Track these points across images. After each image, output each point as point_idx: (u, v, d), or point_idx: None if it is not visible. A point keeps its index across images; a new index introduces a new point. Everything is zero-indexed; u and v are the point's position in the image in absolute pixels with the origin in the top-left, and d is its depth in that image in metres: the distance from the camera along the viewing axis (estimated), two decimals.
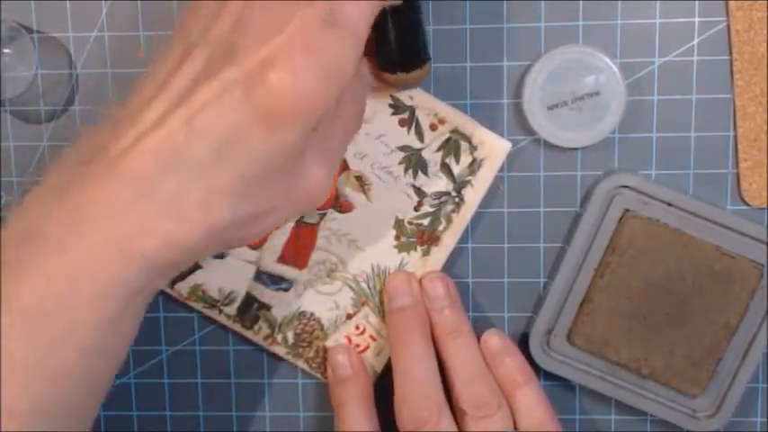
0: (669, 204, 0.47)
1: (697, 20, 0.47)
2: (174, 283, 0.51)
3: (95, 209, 0.35)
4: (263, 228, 0.39)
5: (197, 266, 0.50)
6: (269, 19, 0.35)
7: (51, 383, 0.35)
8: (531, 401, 0.47)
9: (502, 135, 0.48)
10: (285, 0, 0.35)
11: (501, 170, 0.49)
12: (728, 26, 0.47)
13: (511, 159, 0.49)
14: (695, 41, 0.47)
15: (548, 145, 0.49)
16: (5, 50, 0.50)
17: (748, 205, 0.48)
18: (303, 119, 0.35)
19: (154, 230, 0.35)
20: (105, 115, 0.38)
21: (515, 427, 0.47)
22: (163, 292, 0.51)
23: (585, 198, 0.49)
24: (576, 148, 0.49)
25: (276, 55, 0.34)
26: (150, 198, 0.35)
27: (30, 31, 0.50)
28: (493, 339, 0.48)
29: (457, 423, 0.47)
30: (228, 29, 0.36)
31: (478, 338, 0.49)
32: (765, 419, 0.51)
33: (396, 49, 0.42)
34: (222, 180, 0.35)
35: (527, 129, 0.48)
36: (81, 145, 0.37)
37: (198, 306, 0.51)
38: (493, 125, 0.48)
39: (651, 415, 0.50)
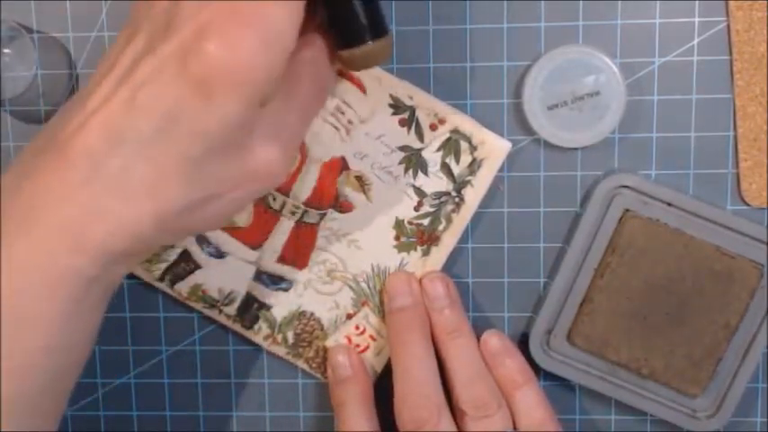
0: (669, 204, 0.47)
1: (697, 20, 0.47)
2: (173, 282, 0.51)
3: (45, 197, 0.35)
4: (216, 213, 0.38)
5: (196, 266, 0.50)
6: None
7: (14, 380, 0.35)
8: (531, 402, 0.47)
9: (502, 135, 0.48)
10: None
11: (501, 170, 0.49)
12: (728, 26, 0.47)
13: (511, 159, 0.49)
14: (695, 41, 0.47)
15: (548, 145, 0.49)
16: (5, 50, 0.50)
17: (748, 205, 0.48)
18: (241, 87, 0.34)
19: (101, 212, 0.35)
20: (69, 99, 0.38)
21: (515, 428, 0.47)
22: (163, 293, 0.51)
23: (585, 198, 0.49)
24: (576, 148, 0.49)
25: (208, 24, 0.34)
26: (96, 179, 0.34)
27: (30, 31, 0.50)
28: (492, 340, 0.48)
29: (457, 423, 0.47)
30: (168, 5, 0.35)
31: (478, 339, 0.49)
32: (765, 419, 0.51)
33: (361, 13, 0.39)
34: (167, 159, 0.35)
35: (527, 129, 0.48)
36: (36, 138, 0.37)
37: (198, 306, 0.51)
38: (493, 125, 0.48)
39: (651, 415, 0.50)
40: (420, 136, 0.48)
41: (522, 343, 0.51)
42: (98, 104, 0.35)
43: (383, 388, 0.49)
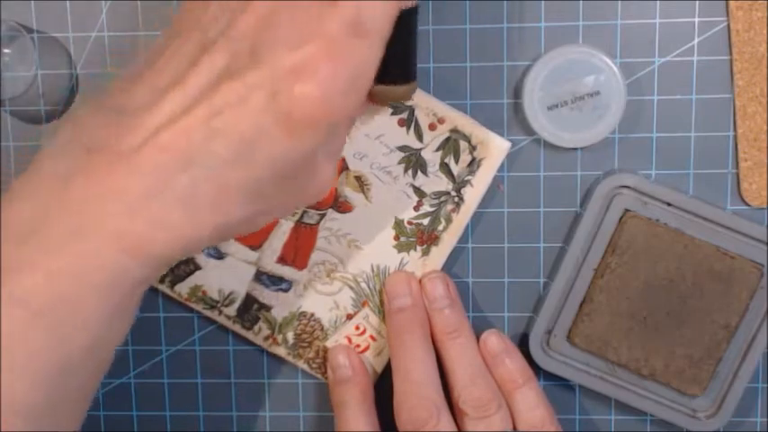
0: (669, 204, 0.47)
1: (697, 20, 0.47)
2: (173, 284, 0.51)
3: (105, 200, 0.34)
4: (265, 221, 0.39)
5: (196, 267, 0.50)
6: (295, 21, 0.35)
7: (55, 379, 0.35)
8: (531, 402, 0.47)
9: (502, 135, 0.48)
10: (312, 0, 0.35)
11: (501, 170, 0.49)
12: (728, 26, 0.47)
13: (511, 159, 0.49)
14: (695, 41, 0.47)
15: (548, 145, 0.49)
16: (5, 50, 0.50)
17: (748, 205, 0.48)
18: (326, 127, 0.35)
19: (165, 226, 0.35)
20: (109, 99, 0.37)
21: (514, 428, 0.47)
22: (162, 294, 0.51)
23: (585, 198, 0.49)
24: (575, 148, 0.49)
25: (304, 64, 0.34)
26: (164, 194, 0.34)
27: (30, 31, 0.50)
28: (492, 339, 0.48)
29: (456, 423, 0.47)
30: (253, 28, 0.35)
31: (478, 338, 0.49)
32: (765, 419, 0.51)
33: (400, 56, 0.41)
34: (237, 180, 0.35)
35: (527, 129, 0.48)
36: (83, 128, 0.36)
37: (198, 307, 0.51)
38: (493, 125, 0.48)
39: (651, 415, 0.50)
40: (419, 136, 0.48)
41: (522, 343, 0.51)
42: (168, 119, 0.35)
43: (383, 388, 0.49)
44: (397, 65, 0.41)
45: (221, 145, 0.34)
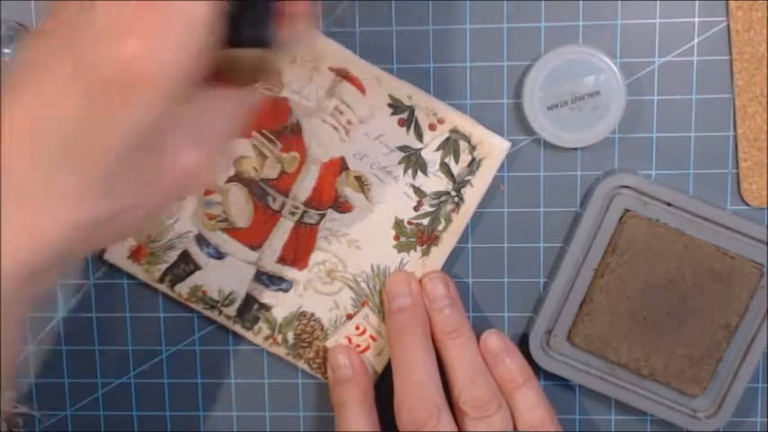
0: (669, 204, 0.47)
1: (697, 20, 0.47)
2: (173, 284, 0.51)
3: None
4: (138, 218, 0.37)
5: (196, 267, 0.50)
6: None
7: None
8: (531, 401, 0.47)
9: (502, 135, 0.48)
10: None
11: (501, 170, 0.49)
12: (728, 26, 0.47)
13: (511, 159, 0.49)
14: (695, 41, 0.47)
15: (548, 145, 0.49)
16: (5, 50, 0.50)
17: (748, 205, 0.48)
18: (153, 90, 0.33)
19: (21, 227, 0.34)
20: None
21: (514, 427, 0.47)
22: (162, 294, 0.51)
23: (585, 198, 0.49)
24: (575, 148, 0.49)
25: (115, 24, 0.32)
26: (15, 195, 0.33)
27: (30, 31, 0.50)
28: (492, 339, 0.48)
29: (457, 423, 0.47)
30: (79, 5, 0.34)
31: (478, 338, 0.49)
32: (765, 419, 0.51)
33: (251, 16, 0.37)
34: (84, 170, 0.34)
35: (527, 129, 0.48)
36: None
37: (198, 307, 0.51)
38: (493, 125, 0.48)
39: (651, 415, 0.50)
40: (419, 136, 0.48)
41: (522, 343, 0.51)
42: (10, 119, 0.34)
43: (383, 388, 0.49)
44: (247, 24, 0.37)
45: (54, 135, 0.33)
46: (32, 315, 0.53)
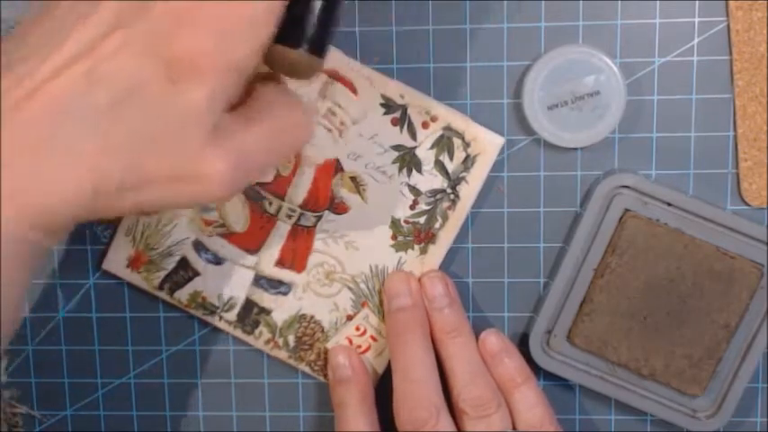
0: (669, 204, 0.47)
1: (697, 20, 0.47)
2: (172, 291, 0.51)
3: None
4: (146, 202, 0.37)
5: (195, 274, 0.50)
6: None
7: None
8: (530, 401, 0.47)
9: (502, 135, 0.48)
10: None
11: (501, 170, 0.49)
12: (728, 26, 0.47)
13: (511, 159, 0.49)
14: (695, 41, 0.47)
15: (548, 145, 0.49)
16: None
17: (748, 205, 0.48)
18: (207, 77, 0.34)
19: (43, 180, 0.34)
20: (5, 51, 0.36)
21: (514, 427, 0.47)
22: (162, 301, 0.51)
23: (585, 198, 0.49)
24: (576, 148, 0.49)
25: (187, 10, 0.34)
26: (45, 147, 0.34)
27: None
28: (491, 339, 0.48)
29: (456, 423, 0.47)
30: None
31: (477, 338, 0.49)
32: (765, 419, 0.51)
33: (314, 19, 0.38)
34: (116, 134, 0.34)
35: (527, 129, 0.48)
36: None
37: (198, 313, 0.51)
38: (493, 125, 0.48)
39: (651, 415, 0.50)
40: (413, 134, 0.48)
41: (522, 343, 0.51)
42: (53, 72, 0.34)
43: (383, 388, 0.49)
44: (295, 25, 0.38)
45: (101, 94, 0.34)
46: (32, 315, 0.53)
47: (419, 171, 0.49)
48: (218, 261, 0.50)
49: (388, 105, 0.48)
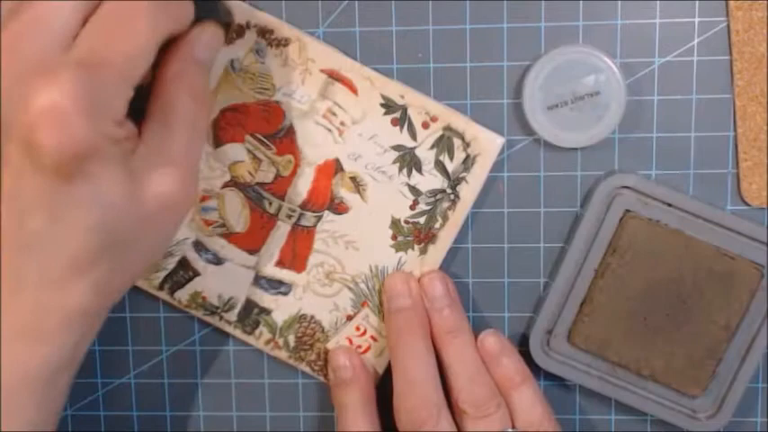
0: (669, 205, 0.47)
1: (697, 20, 0.47)
2: (173, 291, 0.51)
3: None
4: (142, 258, 0.39)
5: (195, 274, 0.50)
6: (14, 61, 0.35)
7: None
8: (529, 401, 0.47)
9: (502, 135, 0.48)
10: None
11: (501, 170, 0.49)
12: (728, 26, 0.47)
13: (511, 159, 0.49)
14: (695, 41, 0.47)
15: (548, 145, 0.49)
16: None
17: (748, 205, 0.48)
18: (78, 158, 0.34)
19: (47, 309, 0.36)
20: None
21: (513, 427, 0.47)
22: (163, 301, 0.51)
23: (586, 198, 0.49)
24: (576, 148, 0.49)
25: (35, 118, 0.33)
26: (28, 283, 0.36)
27: None
28: (490, 339, 0.48)
29: (456, 423, 0.47)
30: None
31: (477, 339, 0.49)
32: (765, 419, 0.51)
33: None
34: (74, 240, 0.35)
35: (527, 129, 0.48)
36: None
37: (198, 313, 0.51)
38: (493, 125, 0.48)
39: (651, 415, 0.50)
40: (413, 134, 0.48)
41: (522, 343, 0.51)
42: None
43: (383, 388, 0.49)
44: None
45: (33, 223, 0.35)
46: None
47: (419, 171, 0.49)
48: (218, 261, 0.50)
49: (388, 105, 0.48)
